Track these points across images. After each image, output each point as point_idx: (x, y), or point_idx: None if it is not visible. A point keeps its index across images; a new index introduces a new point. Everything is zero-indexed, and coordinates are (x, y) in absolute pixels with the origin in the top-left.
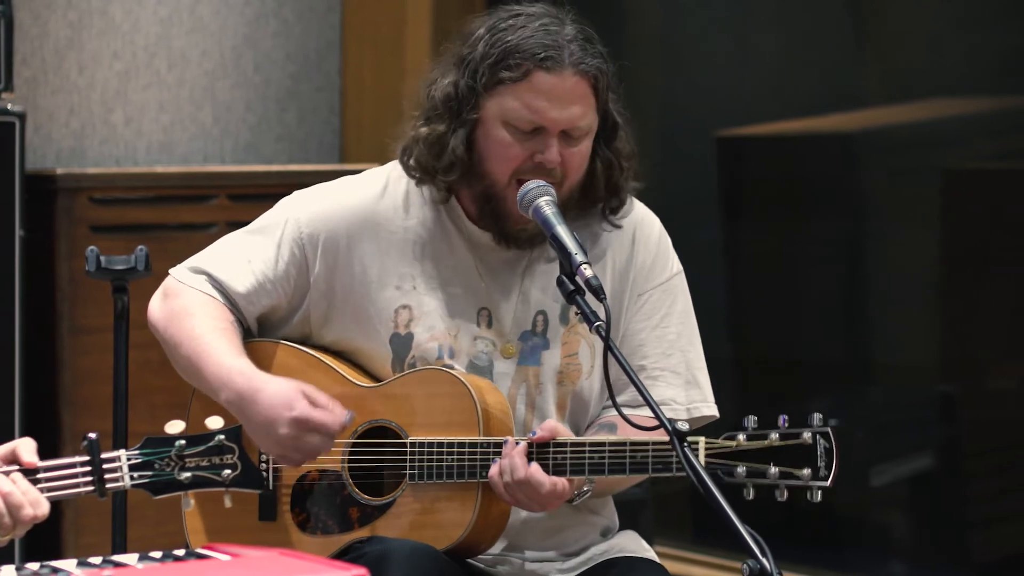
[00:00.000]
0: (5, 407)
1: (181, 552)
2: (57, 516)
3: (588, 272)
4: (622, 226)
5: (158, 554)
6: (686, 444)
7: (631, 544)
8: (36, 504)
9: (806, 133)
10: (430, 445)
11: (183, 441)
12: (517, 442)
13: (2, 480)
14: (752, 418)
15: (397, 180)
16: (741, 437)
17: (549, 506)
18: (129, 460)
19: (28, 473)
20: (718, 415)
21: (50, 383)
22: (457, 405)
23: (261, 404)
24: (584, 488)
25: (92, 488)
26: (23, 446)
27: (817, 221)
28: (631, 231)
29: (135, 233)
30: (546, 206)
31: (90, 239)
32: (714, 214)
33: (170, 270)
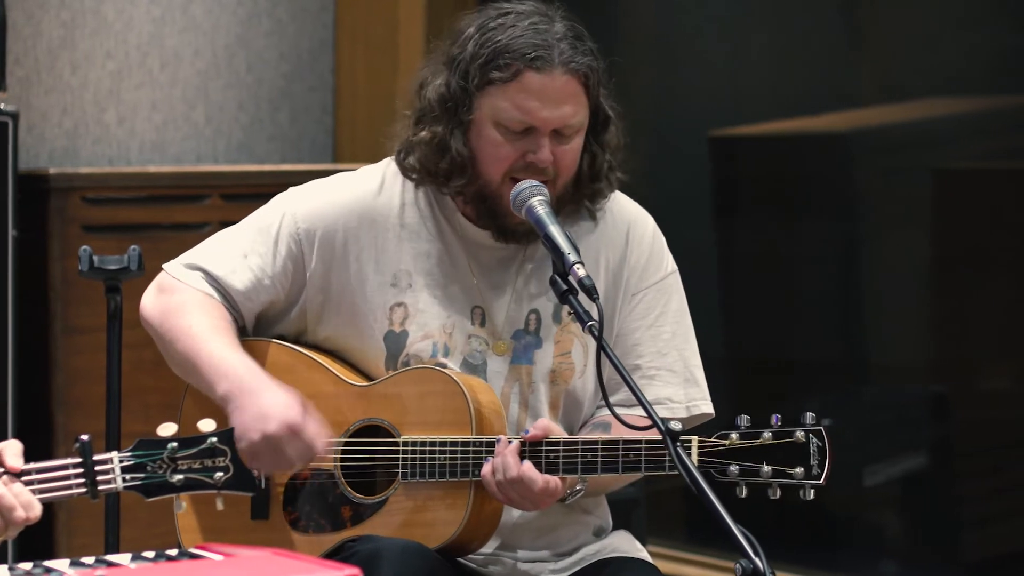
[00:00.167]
0: None
1: (174, 552)
2: (50, 517)
3: (581, 272)
4: (600, 215)
5: (151, 554)
6: (679, 444)
7: (624, 544)
8: (28, 507)
9: (799, 133)
10: (423, 444)
11: (175, 443)
12: (510, 441)
13: None
14: (745, 417)
15: (393, 177)
16: (734, 436)
17: (541, 505)
18: (121, 462)
19: (15, 476)
20: (714, 413)
21: (43, 383)
22: (450, 404)
23: (261, 398)
24: (577, 487)
25: (84, 490)
26: (8, 449)
27: (810, 221)
28: (624, 230)
29: (128, 233)
30: (539, 206)
31: (83, 239)
32: (708, 213)
33: (164, 266)
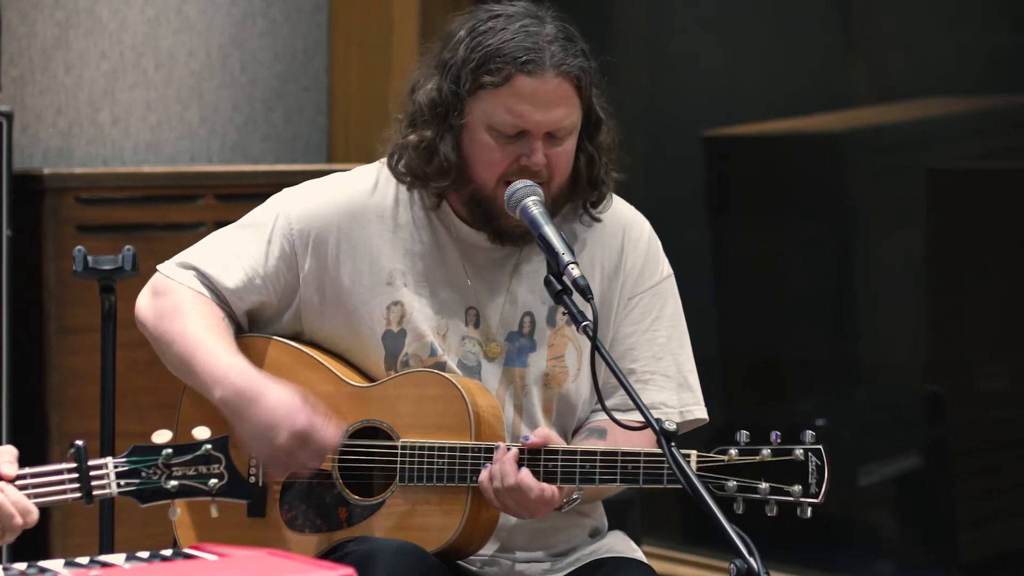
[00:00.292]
0: None
1: (168, 552)
2: (44, 517)
3: (575, 272)
4: (601, 220)
5: (145, 554)
6: (673, 444)
7: (619, 544)
8: (26, 513)
9: (794, 133)
10: (421, 447)
11: (170, 450)
12: (508, 448)
13: None
14: (744, 433)
15: (387, 178)
16: (733, 452)
17: (537, 513)
18: (116, 467)
19: (10, 482)
20: (708, 418)
21: (38, 383)
22: (449, 408)
23: (263, 407)
24: (573, 496)
25: (79, 495)
26: (2, 456)
27: (805, 221)
28: (620, 234)
29: (122, 233)
30: (533, 206)
31: (77, 239)
32: (701, 214)
33: (158, 266)
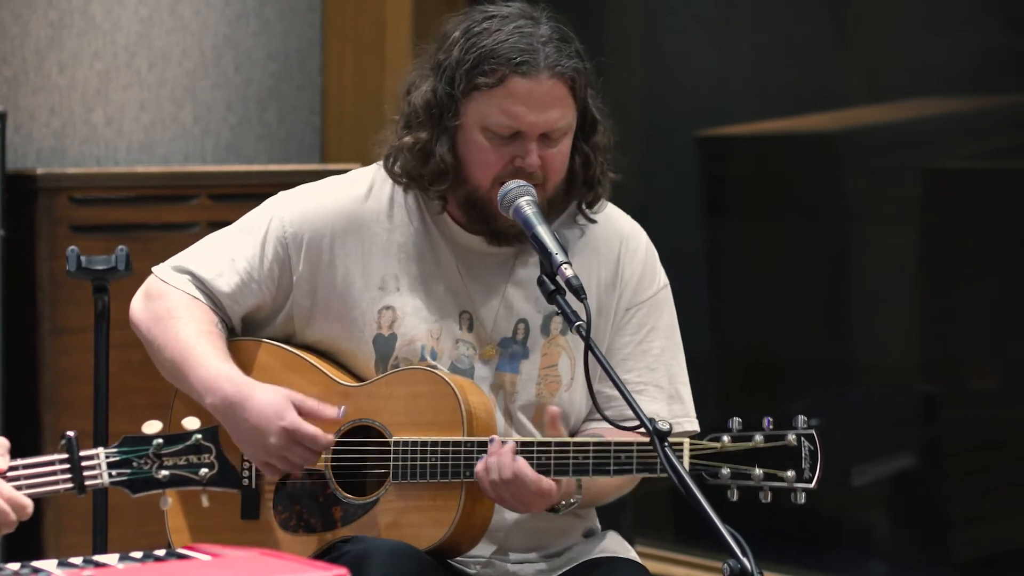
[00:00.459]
0: None
1: (162, 552)
2: (38, 516)
3: (569, 272)
4: (597, 220)
5: (139, 554)
6: (667, 444)
7: (612, 545)
8: (21, 509)
9: (788, 133)
10: (414, 445)
11: (160, 440)
12: (504, 441)
13: None
14: (737, 420)
15: (383, 181)
16: (726, 439)
17: (533, 507)
18: (107, 458)
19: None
20: (699, 430)
21: (31, 383)
22: (441, 405)
23: (250, 411)
24: (571, 499)
25: (71, 485)
26: None
27: (798, 221)
28: (618, 244)
29: (116, 233)
30: (526, 206)
31: (71, 239)
32: (695, 214)
33: (152, 268)
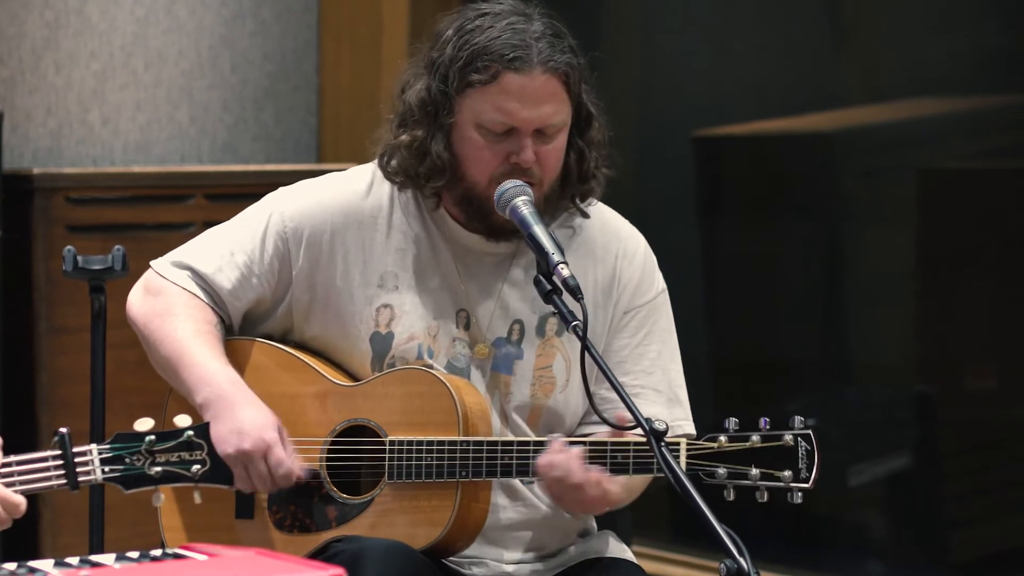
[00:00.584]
0: None
1: (158, 552)
2: (35, 517)
3: (565, 272)
4: (590, 216)
5: (135, 554)
6: (663, 444)
7: (609, 545)
8: (14, 508)
9: (784, 132)
10: (409, 444)
11: (153, 436)
12: (568, 444)
13: None
14: (733, 420)
15: (382, 179)
16: (722, 439)
17: (595, 509)
18: (100, 454)
19: None
20: (696, 434)
21: (27, 383)
22: (436, 405)
23: (238, 414)
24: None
25: (64, 481)
26: None
27: (794, 220)
28: (615, 249)
29: (112, 233)
30: (523, 206)
31: (67, 239)
32: (691, 214)
33: (151, 263)
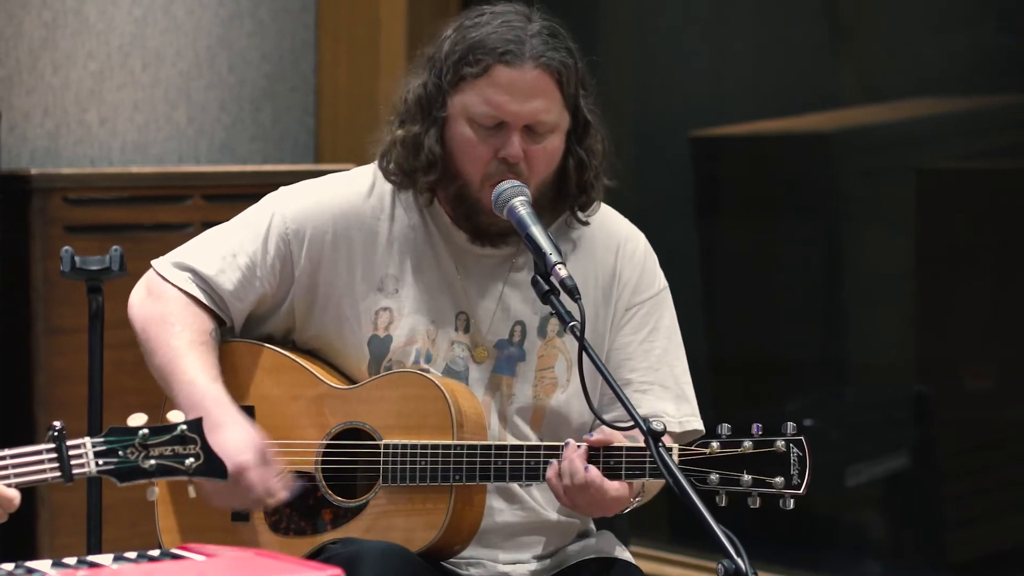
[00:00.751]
0: None
1: (156, 552)
2: (32, 517)
3: (563, 272)
4: (589, 223)
5: (133, 554)
6: (661, 445)
7: (606, 545)
8: (8, 502)
9: (781, 133)
10: (404, 447)
11: (146, 431)
12: (579, 445)
13: None
14: (726, 426)
15: (384, 180)
16: (714, 445)
17: (609, 511)
18: (94, 447)
19: None
20: (704, 430)
21: (25, 383)
22: (431, 408)
23: (223, 434)
24: (635, 499)
25: (58, 474)
26: None
27: (792, 221)
28: (615, 247)
29: (110, 233)
30: (521, 206)
31: (65, 239)
32: (689, 214)
33: (153, 262)
